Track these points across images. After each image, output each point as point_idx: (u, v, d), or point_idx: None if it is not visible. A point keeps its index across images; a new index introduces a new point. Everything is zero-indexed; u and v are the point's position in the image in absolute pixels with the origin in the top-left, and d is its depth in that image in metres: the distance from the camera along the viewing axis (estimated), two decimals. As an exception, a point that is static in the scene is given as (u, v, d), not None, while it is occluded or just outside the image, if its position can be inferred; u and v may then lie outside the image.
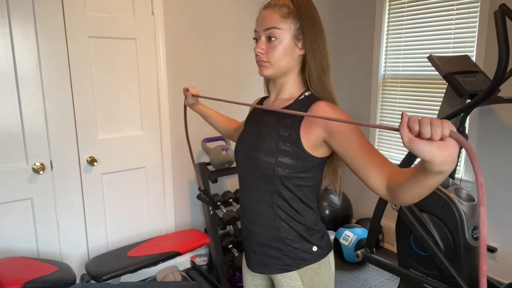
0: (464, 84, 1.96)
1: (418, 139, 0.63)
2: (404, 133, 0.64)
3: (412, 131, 0.63)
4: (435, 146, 0.62)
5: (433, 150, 0.62)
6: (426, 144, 0.62)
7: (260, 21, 1.06)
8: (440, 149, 0.62)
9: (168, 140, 2.59)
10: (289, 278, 1.11)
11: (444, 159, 0.63)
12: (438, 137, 0.61)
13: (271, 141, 1.06)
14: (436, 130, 0.61)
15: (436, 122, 0.61)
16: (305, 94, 1.09)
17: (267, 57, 1.05)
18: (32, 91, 2.07)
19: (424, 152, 0.63)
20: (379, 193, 0.89)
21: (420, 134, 0.63)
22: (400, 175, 0.82)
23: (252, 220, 1.14)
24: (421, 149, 0.63)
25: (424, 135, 0.62)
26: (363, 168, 0.91)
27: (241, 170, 1.17)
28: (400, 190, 0.80)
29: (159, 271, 2.57)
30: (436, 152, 0.62)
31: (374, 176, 0.89)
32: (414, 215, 2.10)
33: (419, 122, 0.62)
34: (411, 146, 0.63)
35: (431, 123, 0.61)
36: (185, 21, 2.56)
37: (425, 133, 0.62)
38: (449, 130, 0.61)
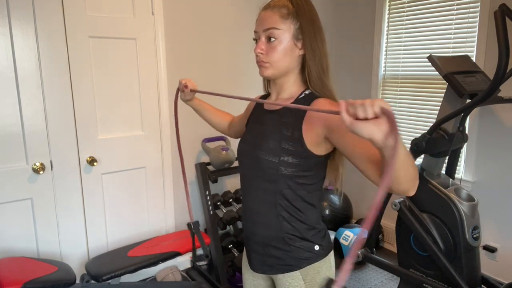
0: (464, 84, 1.96)
1: (356, 121, 0.68)
2: (344, 117, 0.69)
3: (350, 113, 0.69)
4: (371, 124, 0.67)
5: (369, 128, 0.67)
6: (363, 124, 0.67)
7: (260, 22, 1.06)
8: (375, 125, 0.67)
9: (168, 140, 2.59)
10: (291, 277, 1.11)
11: (382, 133, 0.67)
12: (371, 115, 0.66)
13: (274, 141, 1.06)
14: (367, 109, 0.66)
15: (367, 102, 0.66)
16: (305, 92, 1.09)
17: (267, 57, 1.05)
18: (32, 91, 2.07)
19: (363, 131, 0.68)
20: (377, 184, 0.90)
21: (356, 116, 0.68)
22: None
23: (254, 220, 1.14)
24: (360, 129, 0.68)
25: (360, 116, 0.67)
26: (362, 164, 0.92)
27: (244, 170, 1.17)
28: None
29: (159, 271, 2.57)
30: (373, 128, 0.67)
31: (373, 170, 0.90)
32: (414, 215, 2.10)
33: (353, 104, 0.68)
34: (352, 128, 0.69)
35: (363, 103, 0.66)
36: (185, 21, 2.56)
37: (359, 113, 0.67)
38: (379, 107, 0.66)
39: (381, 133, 0.67)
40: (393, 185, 0.82)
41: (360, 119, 0.68)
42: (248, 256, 1.22)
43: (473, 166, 2.59)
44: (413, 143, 2.06)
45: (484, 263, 2.55)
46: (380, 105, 0.66)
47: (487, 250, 2.56)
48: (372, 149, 0.91)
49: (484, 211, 2.55)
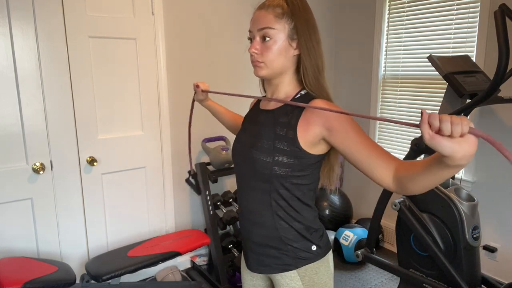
0: (464, 84, 1.96)
1: (439, 136, 0.65)
2: (425, 129, 0.66)
3: (432, 127, 0.65)
4: (456, 142, 0.64)
5: (454, 146, 0.65)
6: (447, 141, 0.65)
7: (255, 21, 1.06)
8: (460, 145, 0.65)
9: (168, 140, 2.59)
10: (289, 278, 1.11)
11: (464, 155, 0.65)
12: (458, 135, 0.64)
13: (268, 140, 1.06)
14: (456, 128, 0.63)
15: (456, 120, 0.63)
16: (301, 93, 1.09)
17: (262, 57, 1.05)
18: (32, 91, 2.07)
19: (445, 148, 0.65)
20: (385, 185, 0.90)
21: (440, 131, 0.65)
22: (410, 167, 0.83)
23: (251, 220, 1.14)
24: (442, 146, 0.65)
25: (444, 132, 0.64)
26: (367, 162, 0.92)
27: (238, 170, 1.17)
28: (411, 181, 0.83)
29: (159, 271, 2.57)
30: (457, 148, 0.65)
31: (380, 169, 0.90)
32: (414, 215, 2.10)
33: (440, 120, 0.64)
34: (433, 142, 0.66)
35: (451, 121, 0.63)
36: (185, 21, 2.56)
37: (445, 130, 0.64)
38: (468, 126, 0.63)
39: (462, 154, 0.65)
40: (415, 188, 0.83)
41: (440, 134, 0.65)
42: (245, 256, 1.22)
43: (473, 166, 2.59)
44: (413, 143, 2.06)
45: (484, 263, 2.55)
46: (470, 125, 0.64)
47: (487, 250, 2.56)
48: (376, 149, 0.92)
49: (484, 211, 2.56)
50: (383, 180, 0.90)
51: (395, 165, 0.88)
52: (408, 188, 0.84)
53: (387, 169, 0.89)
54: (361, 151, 0.93)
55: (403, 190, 0.86)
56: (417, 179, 0.80)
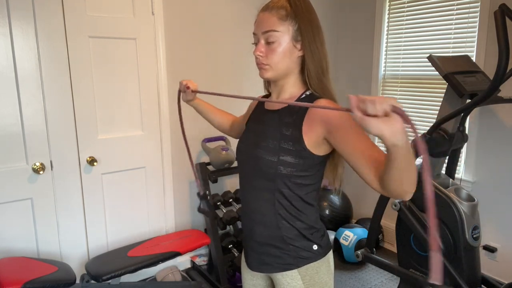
0: (464, 84, 1.96)
1: (367, 117, 0.68)
2: (355, 112, 0.69)
3: (360, 110, 0.69)
4: (381, 121, 0.67)
5: (379, 125, 0.67)
6: (373, 121, 0.67)
7: (259, 24, 1.06)
8: (385, 123, 0.67)
9: (168, 140, 2.59)
10: (290, 277, 1.11)
11: (392, 131, 0.68)
12: (381, 113, 0.67)
13: (274, 140, 1.07)
14: (377, 107, 0.66)
15: (379, 99, 0.66)
16: (306, 93, 1.10)
17: (267, 59, 1.05)
18: (32, 91, 2.07)
19: (373, 128, 0.68)
20: (375, 189, 0.90)
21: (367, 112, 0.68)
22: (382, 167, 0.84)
23: (253, 219, 1.14)
24: (370, 126, 0.68)
25: (369, 112, 0.67)
26: (360, 165, 0.92)
27: (242, 169, 1.17)
28: (384, 179, 0.83)
29: (159, 271, 2.57)
30: (383, 126, 0.67)
31: (368, 172, 0.90)
32: (414, 215, 2.10)
33: (363, 101, 0.68)
34: (362, 124, 0.69)
35: (374, 100, 0.67)
36: (185, 21, 2.56)
37: (370, 110, 0.67)
38: (390, 105, 0.66)
39: (390, 131, 0.68)
40: (392, 186, 0.82)
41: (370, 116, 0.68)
42: (246, 255, 1.23)
43: (473, 166, 2.59)
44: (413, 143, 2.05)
45: (484, 263, 2.55)
46: (391, 103, 0.66)
47: (487, 250, 2.56)
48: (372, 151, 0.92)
49: (484, 211, 2.55)
50: (371, 184, 0.90)
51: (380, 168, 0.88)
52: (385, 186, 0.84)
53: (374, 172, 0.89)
54: (354, 154, 0.93)
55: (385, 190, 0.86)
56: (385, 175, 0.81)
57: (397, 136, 0.68)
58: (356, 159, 0.92)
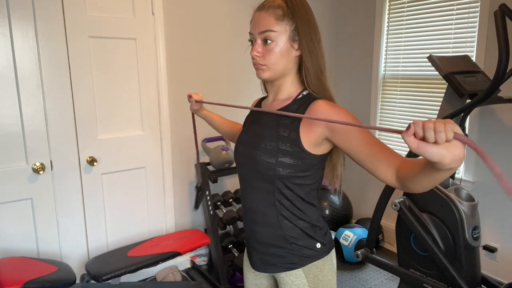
0: (464, 84, 1.96)
1: (425, 144, 0.64)
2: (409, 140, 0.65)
3: (416, 135, 0.65)
4: (443, 148, 0.63)
5: (441, 152, 0.64)
6: (433, 148, 0.64)
7: (255, 24, 1.05)
8: (447, 150, 0.63)
9: (168, 140, 2.59)
10: (294, 276, 1.11)
11: (452, 159, 0.64)
12: (443, 141, 0.63)
13: (271, 141, 1.06)
14: (440, 136, 0.62)
15: (439, 127, 0.62)
16: (303, 93, 1.09)
17: (264, 60, 1.05)
18: (32, 91, 2.07)
19: (433, 156, 0.64)
20: (389, 183, 0.91)
21: (425, 139, 0.64)
22: (409, 167, 0.84)
23: (255, 220, 1.14)
24: (429, 153, 0.64)
25: (429, 140, 0.63)
26: (371, 160, 0.92)
27: (241, 170, 1.17)
28: (410, 181, 0.83)
29: (159, 271, 2.57)
30: (444, 153, 0.64)
31: (384, 167, 0.90)
32: (414, 215, 2.10)
33: (423, 128, 0.63)
34: (420, 151, 0.65)
35: (434, 128, 0.62)
36: (185, 21, 2.56)
37: (430, 138, 0.63)
38: (453, 132, 0.62)
39: (451, 158, 0.64)
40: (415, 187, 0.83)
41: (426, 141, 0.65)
42: (249, 256, 1.22)
43: (473, 166, 2.59)
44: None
45: (484, 263, 2.55)
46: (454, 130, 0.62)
47: (487, 250, 2.56)
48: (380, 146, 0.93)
49: (484, 211, 2.56)
50: (385, 178, 0.91)
51: (397, 163, 0.89)
52: (409, 187, 0.85)
53: (390, 167, 0.89)
54: (363, 150, 0.93)
55: (405, 188, 0.87)
56: (416, 180, 0.81)
57: (457, 163, 0.65)
58: (366, 156, 0.93)
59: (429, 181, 0.77)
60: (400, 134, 0.66)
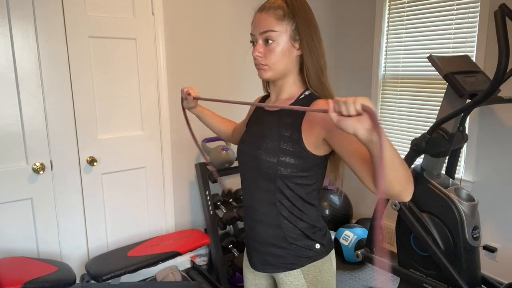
0: (464, 84, 1.96)
1: (342, 117, 0.73)
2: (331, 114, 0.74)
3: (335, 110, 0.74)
4: (355, 120, 0.72)
5: (353, 124, 0.72)
6: (347, 120, 0.73)
7: (256, 25, 1.06)
8: (358, 121, 0.72)
9: (168, 140, 2.59)
10: (293, 276, 1.11)
11: (366, 129, 0.72)
12: (353, 112, 0.71)
13: (273, 141, 1.07)
14: (349, 106, 0.71)
15: (350, 100, 0.71)
16: (305, 93, 1.10)
17: (265, 60, 1.05)
18: (32, 91, 2.07)
19: (348, 128, 0.73)
20: (372, 190, 0.91)
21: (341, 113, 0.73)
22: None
23: (255, 219, 1.14)
24: (345, 125, 0.73)
25: (343, 113, 0.72)
26: (358, 166, 0.92)
27: (243, 170, 1.18)
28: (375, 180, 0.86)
29: (159, 271, 2.57)
30: (356, 125, 0.72)
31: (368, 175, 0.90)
32: (414, 215, 2.10)
33: (338, 103, 0.72)
34: (338, 124, 0.74)
35: (345, 102, 0.71)
36: (185, 21, 2.56)
37: (343, 111, 0.72)
38: (361, 104, 0.70)
39: (363, 129, 0.72)
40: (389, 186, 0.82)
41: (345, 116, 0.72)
42: (249, 255, 1.23)
43: (473, 166, 2.59)
44: (413, 143, 2.06)
45: (484, 263, 2.55)
46: (361, 102, 0.70)
47: (487, 250, 2.56)
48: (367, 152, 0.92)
49: (484, 211, 2.56)
50: (369, 185, 0.90)
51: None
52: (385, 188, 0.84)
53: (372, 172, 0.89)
54: (354, 155, 0.93)
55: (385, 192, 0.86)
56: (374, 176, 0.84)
57: (369, 133, 0.72)
58: (355, 161, 0.92)
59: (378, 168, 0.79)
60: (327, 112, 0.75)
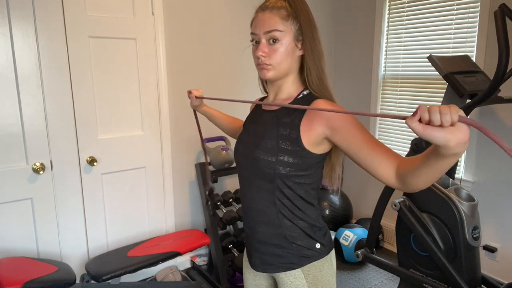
0: (464, 84, 1.96)
1: (431, 127, 0.66)
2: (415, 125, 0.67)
3: (422, 119, 0.67)
4: (448, 131, 0.66)
5: (446, 135, 0.66)
6: (439, 131, 0.66)
7: (260, 24, 1.05)
8: (452, 133, 0.66)
9: (168, 140, 2.59)
10: (293, 276, 1.11)
11: (457, 142, 0.66)
12: (448, 124, 0.65)
13: (271, 140, 1.07)
14: (445, 117, 0.64)
15: (445, 110, 0.64)
16: (303, 93, 1.10)
17: (270, 59, 1.05)
18: (32, 91, 2.07)
19: (439, 139, 0.66)
20: (388, 182, 0.91)
21: (430, 122, 0.66)
22: (410, 163, 0.84)
23: (255, 219, 1.14)
24: (435, 136, 0.66)
25: (435, 123, 0.65)
26: (370, 159, 0.92)
27: (241, 169, 1.17)
28: (413, 177, 0.83)
29: (159, 271, 2.57)
30: (449, 136, 0.66)
31: (384, 166, 0.90)
32: (414, 215, 2.10)
33: (429, 111, 0.66)
34: (425, 134, 0.67)
35: (440, 111, 0.64)
36: (185, 21, 2.56)
37: (435, 121, 0.65)
38: (458, 115, 0.64)
39: (456, 141, 0.66)
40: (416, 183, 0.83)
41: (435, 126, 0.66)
42: (249, 255, 1.23)
43: (473, 166, 2.59)
44: (413, 143, 2.06)
45: (484, 263, 2.55)
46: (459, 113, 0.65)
47: (487, 250, 2.56)
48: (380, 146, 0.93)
49: (484, 211, 2.56)
50: (386, 178, 0.91)
51: (397, 162, 0.89)
52: (410, 183, 0.85)
53: (390, 166, 0.90)
54: (364, 149, 0.94)
55: (406, 186, 0.87)
56: (418, 174, 0.81)
57: (461, 147, 0.67)
58: (365, 155, 0.93)
59: (432, 172, 0.77)
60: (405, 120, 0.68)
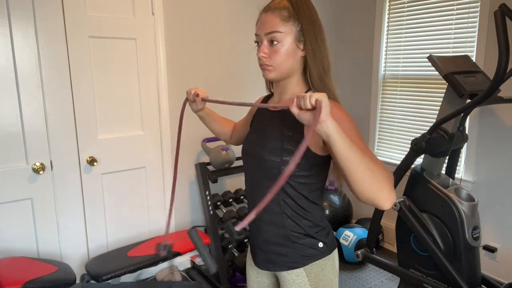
0: (464, 84, 1.96)
1: (303, 111, 0.82)
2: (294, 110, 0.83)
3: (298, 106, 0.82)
4: (310, 113, 0.81)
5: (308, 116, 0.81)
6: (305, 114, 0.82)
7: (261, 25, 1.06)
8: (313, 113, 0.80)
9: (168, 140, 2.59)
10: (295, 274, 1.12)
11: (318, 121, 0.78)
12: (308, 106, 0.80)
13: (276, 141, 1.08)
14: (306, 101, 0.80)
15: (305, 95, 0.80)
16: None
17: (270, 60, 1.05)
18: (32, 91, 2.07)
19: (303, 120, 0.82)
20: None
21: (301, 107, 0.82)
22: None
23: (260, 218, 1.15)
24: (303, 118, 0.82)
25: (302, 107, 0.81)
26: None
27: (248, 169, 1.19)
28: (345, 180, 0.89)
29: (159, 271, 2.57)
30: (310, 117, 0.81)
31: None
32: (414, 215, 2.10)
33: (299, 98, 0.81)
34: (299, 116, 0.83)
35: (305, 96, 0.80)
36: (185, 21, 2.56)
37: (302, 105, 0.81)
38: (315, 99, 0.78)
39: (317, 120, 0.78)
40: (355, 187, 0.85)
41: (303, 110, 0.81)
42: (253, 254, 1.24)
43: (473, 166, 2.59)
44: (413, 143, 2.06)
45: (484, 263, 2.55)
46: (316, 97, 0.78)
47: (487, 250, 2.56)
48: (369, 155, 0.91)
49: (484, 211, 2.56)
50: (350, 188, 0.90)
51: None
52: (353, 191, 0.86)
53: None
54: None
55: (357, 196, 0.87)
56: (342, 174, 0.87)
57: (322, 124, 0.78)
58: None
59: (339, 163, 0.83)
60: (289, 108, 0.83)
